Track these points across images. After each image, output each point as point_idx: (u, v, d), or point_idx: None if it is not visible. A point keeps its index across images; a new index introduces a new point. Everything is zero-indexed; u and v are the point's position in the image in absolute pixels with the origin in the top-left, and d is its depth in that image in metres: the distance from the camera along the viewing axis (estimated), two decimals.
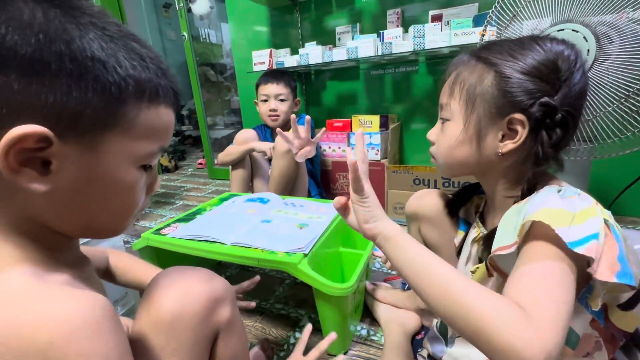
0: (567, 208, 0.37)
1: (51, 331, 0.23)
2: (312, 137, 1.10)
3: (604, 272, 0.35)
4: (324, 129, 1.14)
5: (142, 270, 0.59)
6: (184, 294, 0.39)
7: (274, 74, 1.43)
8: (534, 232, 0.38)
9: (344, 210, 0.48)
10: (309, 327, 0.62)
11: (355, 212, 0.46)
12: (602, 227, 0.36)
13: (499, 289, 0.46)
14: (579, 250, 0.34)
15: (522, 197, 0.44)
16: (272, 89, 1.40)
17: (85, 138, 0.28)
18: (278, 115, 1.42)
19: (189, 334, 0.38)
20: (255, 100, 1.50)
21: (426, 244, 0.69)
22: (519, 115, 0.43)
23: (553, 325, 0.31)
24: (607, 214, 0.39)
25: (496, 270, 0.46)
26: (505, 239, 0.41)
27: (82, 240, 0.71)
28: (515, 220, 0.41)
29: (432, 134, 0.55)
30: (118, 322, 0.28)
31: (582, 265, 0.36)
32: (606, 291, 0.40)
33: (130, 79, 0.29)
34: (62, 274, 0.31)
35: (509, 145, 0.45)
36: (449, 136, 0.50)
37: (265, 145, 1.35)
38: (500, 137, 0.46)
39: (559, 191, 0.41)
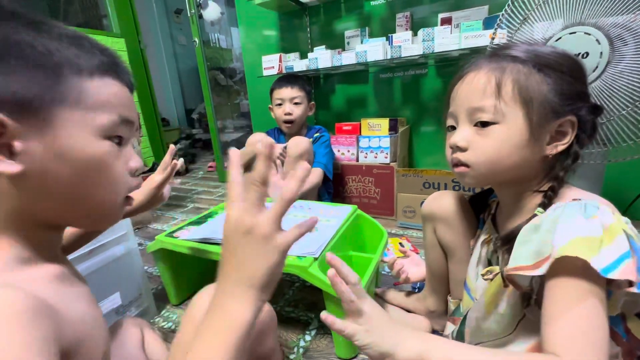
0: (595, 233, 0.36)
1: None
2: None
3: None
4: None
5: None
6: None
7: (288, 78, 1.45)
8: (565, 264, 0.37)
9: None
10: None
11: (350, 336, 0.38)
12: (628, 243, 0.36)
13: (513, 297, 0.46)
14: (614, 275, 0.34)
15: (546, 198, 0.45)
16: (287, 92, 1.41)
17: (38, 116, 0.30)
18: (293, 120, 1.42)
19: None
20: (270, 106, 1.51)
21: (440, 244, 0.69)
22: (572, 118, 0.43)
23: None
24: (624, 222, 0.39)
25: (512, 284, 0.44)
26: (524, 258, 0.40)
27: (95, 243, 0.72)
28: (535, 238, 0.40)
29: (462, 139, 0.49)
30: (35, 319, 0.25)
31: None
32: (628, 296, 0.39)
33: (66, 58, 0.31)
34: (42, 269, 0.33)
35: (559, 146, 0.45)
36: (499, 140, 0.46)
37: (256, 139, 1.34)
38: (549, 139, 0.45)
39: (583, 209, 0.40)
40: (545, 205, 0.45)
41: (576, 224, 0.38)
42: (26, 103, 0.29)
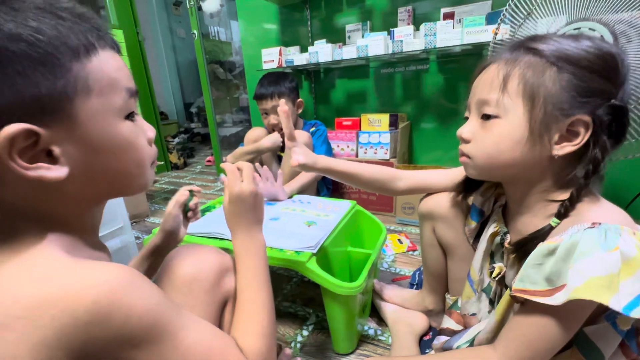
0: (614, 268, 0.35)
1: (93, 293, 0.27)
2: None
3: None
4: (280, 171, 1.10)
5: None
6: (199, 262, 0.46)
7: (267, 86, 1.37)
8: (576, 301, 0.36)
9: None
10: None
11: None
12: None
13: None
14: (636, 314, 0.34)
15: (564, 207, 0.42)
16: (269, 104, 1.35)
17: (61, 115, 0.29)
18: (282, 128, 1.39)
19: (203, 296, 0.45)
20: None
21: (440, 243, 0.68)
22: (585, 117, 0.40)
23: None
24: None
25: (514, 300, 0.45)
26: (534, 282, 0.40)
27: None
28: (549, 264, 0.40)
29: (467, 131, 0.49)
30: (148, 280, 0.32)
31: None
32: None
33: (57, 40, 0.28)
34: (88, 253, 0.35)
35: (567, 147, 0.42)
36: (499, 135, 0.45)
37: (268, 141, 1.33)
38: (557, 138, 0.42)
39: (603, 238, 0.37)
40: (560, 215, 0.43)
41: (594, 261, 0.36)
42: (44, 106, 0.27)
